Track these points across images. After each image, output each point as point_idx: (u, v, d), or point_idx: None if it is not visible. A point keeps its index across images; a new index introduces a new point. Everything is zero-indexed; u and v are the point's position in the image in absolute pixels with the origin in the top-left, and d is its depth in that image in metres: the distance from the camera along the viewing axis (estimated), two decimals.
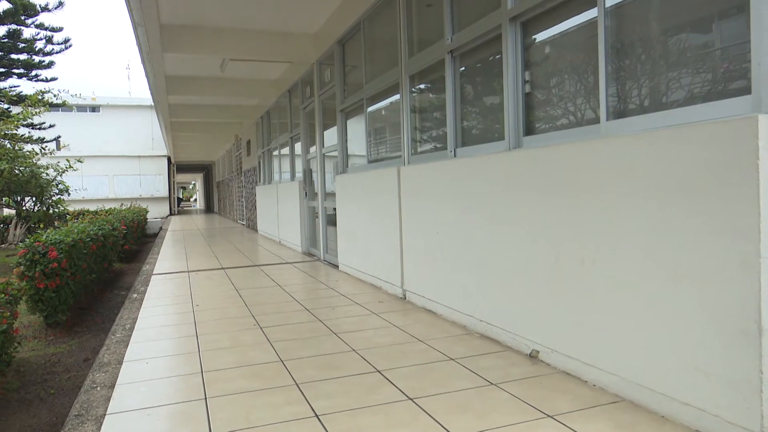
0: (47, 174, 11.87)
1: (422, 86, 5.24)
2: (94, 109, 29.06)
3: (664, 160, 2.44)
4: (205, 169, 41.12)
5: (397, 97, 5.52)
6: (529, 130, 3.58)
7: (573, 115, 3.30)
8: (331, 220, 7.93)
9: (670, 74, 2.66)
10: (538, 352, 3.32)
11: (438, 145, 4.85)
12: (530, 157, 3.33)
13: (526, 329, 3.42)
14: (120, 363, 3.59)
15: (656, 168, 2.48)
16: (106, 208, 12.79)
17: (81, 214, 12.50)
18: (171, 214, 30.70)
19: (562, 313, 3.09)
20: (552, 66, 3.44)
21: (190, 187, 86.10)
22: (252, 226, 15.74)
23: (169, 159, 29.93)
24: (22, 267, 4.57)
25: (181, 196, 66.45)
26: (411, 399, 2.80)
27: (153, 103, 12.89)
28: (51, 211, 11.91)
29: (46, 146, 12.59)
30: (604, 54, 2.92)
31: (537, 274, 3.28)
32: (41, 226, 8.61)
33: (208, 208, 39.53)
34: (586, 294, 2.91)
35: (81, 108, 27.54)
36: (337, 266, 7.31)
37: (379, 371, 3.22)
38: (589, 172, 2.85)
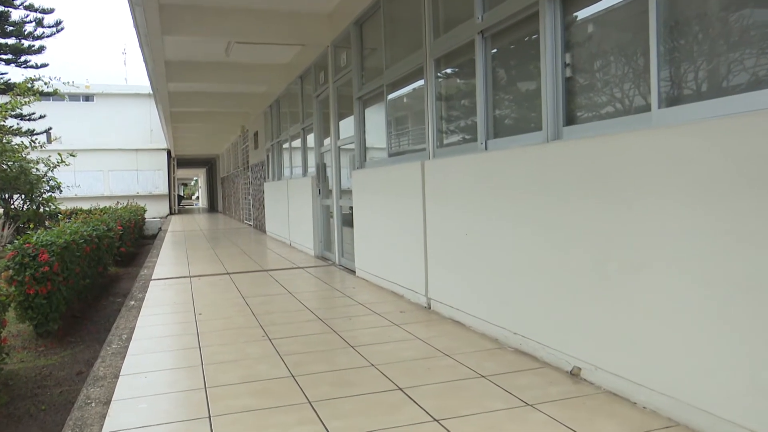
0: (37, 169, 12.09)
1: (449, 71, 5.22)
2: (87, 98, 29.55)
3: (725, 153, 2.40)
4: (209, 164, 41.53)
5: (421, 83, 5.51)
6: (570, 120, 3.55)
7: (620, 103, 3.26)
8: (348, 221, 7.95)
9: (731, 55, 2.61)
10: (580, 369, 3.29)
11: (467, 137, 4.84)
12: (571, 150, 3.30)
13: (567, 343, 3.39)
14: (116, 377, 3.65)
15: (716, 162, 2.44)
16: (101, 207, 13.00)
17: (74, 213, 12.72)
18: (171, 213, 31.07)
19: (608, 325, 3.06)
20: (596, 47, 3.40)
21: (192, 183, 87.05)
22: (260, 226, 15.86)
23: (168, 153, 30.30)
24: (10, 271, 4.66)
25: (182, 194, 67.23)
26: (437, 420, 2.80)
27: (151, 92, 13.05)
28: (41, 210, 12.13)
29: (36, 139, 12.80)
30: (655, 32, 2.88)
31: (579, 282, 3.26)
32: (31, 226, 8.79)
33: (212, 207, 39.92)
34: (634, 304, 2.88)
35: (73, 97, 28.02)
36: (354, 272, 7.33)
37: (401, 389, 3.23)
38: (639, 167, 2.82)
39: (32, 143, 12.45)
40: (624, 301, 2.95)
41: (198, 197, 72.62)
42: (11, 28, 21.75)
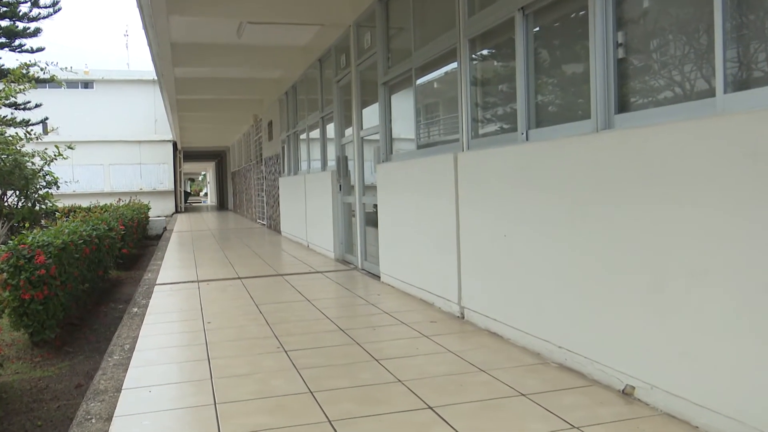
0: (33, 163, 12.31)
1: (486, 52, 5.19)
2: (86, 84, 30.04)
3: None
4: (218, 157, 41.94)
5: (454, 65, 5.50)
6: (623, 107, 3.52)
7: (679, 87, 3.22)
8: (372, 220, 7.97)
9: None
10: (634, 388, 3.25)
11: (505, 126, 4.81)
12: (624, 141, 3.26)
13: (619, 359, 3.35)
14: (118, 391, 3.71)
15: None
16: (101, 205, 13.21)
17: (72, 211, 12.94)
18: (177, 211, 31.46)
19: (666, 339, 3.02)
20: (653, 24, 3.36)
21: (200, 178, 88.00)
22: (274, 226, 15.97)
23: (174, 145, 30.67)
24: (4, 274, 4.76)
25: (188, 190, 67.96)
26: None
27: (156, 77, 13.22)
28: (37, 208, 12.35)
29: (32, 130, 13.05)
30: (721, 6, 2.83)
31: (633, 290, 3.22)
32: (26, 225, 8.96)
33: (221, 204, 40.31)
34: (697, 316, 2.84)
35: (71, 84, 28.48)
36: (379, 276, 7.34)
37: (431, 408, 3.22)
38: (702, 160, 2.77)
39: (27, 135, 12.67)
40: (685, 311, 2.91)
41: (206, 194, 73.39)
42: (4, 8, 22.19)
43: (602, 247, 3.44)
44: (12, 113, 22.31)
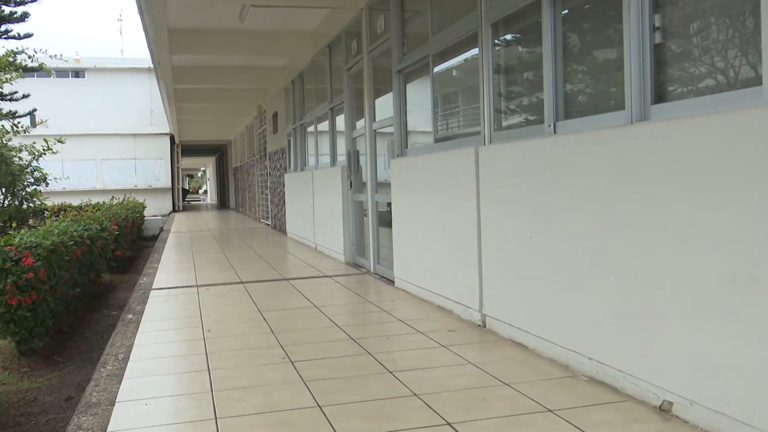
0: (20, 158, 12.41)
1: (510, 37, 5.18)
2: (77, 73, 30.23)
3: None
4: (219, 152, 42.09)
5: (474, 52, 5.49)
6: (660, 96, 3.50)
7: (722, 75, 3.20)
8: (385, 220, 7.97)
9: None
10: (672, 404, 3.24)
11: (531, 117, 4.80)
12: (662, 134, 3.24)
13: (655, 372, 3.34)
14: (111, 404, 3.73)
15: None
16: (93, 203, 13.29)
17: (62, 210, 13.03)
18: (174, 210, 31.62)
19: (708, 350, 3.00)
20: (693, 5, 3.34)
21: (199, 175, 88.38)
22: (279, 226, 16.02)
23: (172, 138, 30.82)
24: None
25: (187, 187, 68.31)
26: None
27: (152, 66, 13.28)
28: (25, 206, 12.44)
29: (19, 122, 13.16)
30: None
31: (669, 296, 3.20)
32: (13, 225, 9.03)
33: (222, 203, 40.46)
34: (742, 326, 2.82)
35: (61, 72, 28.66)
36: (393, 281, 7.35)
37: (449, 424, 3.22)
38: (746, 156, 2.75)
39: (14, 127, 12.77)
40: (729, 320, 2.89)
41: (206, 191, 73.69)
42: None
43: (637, 250, 3.42)
44: None
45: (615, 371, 3.64)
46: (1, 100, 23.07)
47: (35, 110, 24.30)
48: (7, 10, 22.97)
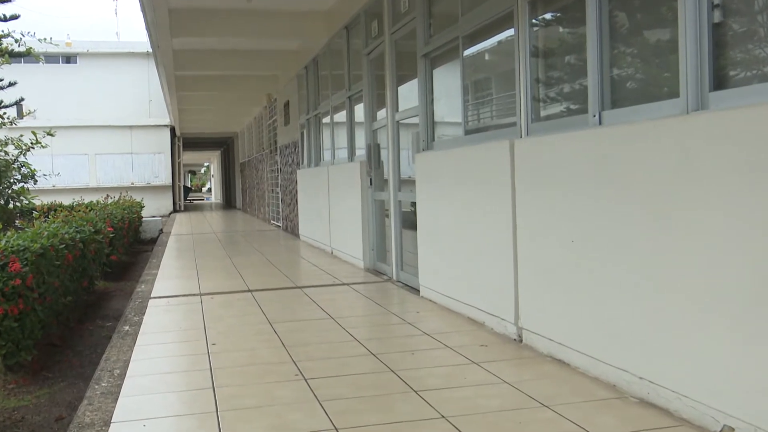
0: (6, 152, 12.56)
1: (549, 16, 5.15)
2: (68, 59, 30.51)
3: None
4: (224, 146, 42.31)
5: (510, 33, 5.48)
6: (720, 82, 3.47)
7: None
8: (409, 221, 7.97)
9: None
10: (733, 429, 3.21)
11: (573, 106, 4.78)
12: (722, 124, 3.22)
13: (715, 394, 3.31)
14: (107, 424, 3.76)
15: None
16: (86, 202, 13.42)
17: (52, 209, 13.16)
18: (175, 210, 31.82)
19: None
20: None
21: (203, 171, 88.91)
22: (291, 228, 16.08)
23: (172, 131, 31.02)
24: None
25: (189, 184, 68.73)
26: None
27: (151, 50, 13.38)
28: (11, 206, 12.58)
29: (5, 113, 13.32)
30: None
31: (734, 310, 3.18)
32: None
33: (228, 202, 40.66)
34: None
35: (51, 58, 28.93)
36: (417, 290, 7.34)
37: None
38: None
39: (0, 119, 12.93)
40: None
41: (210, 189, 74.12)
42: None
43: (695, 256, 3.40)
44: None
45: (668, 392, 3.62)
46: None
47: (22, 100, 24.54)
48: None
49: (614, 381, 4.06)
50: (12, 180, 12.57)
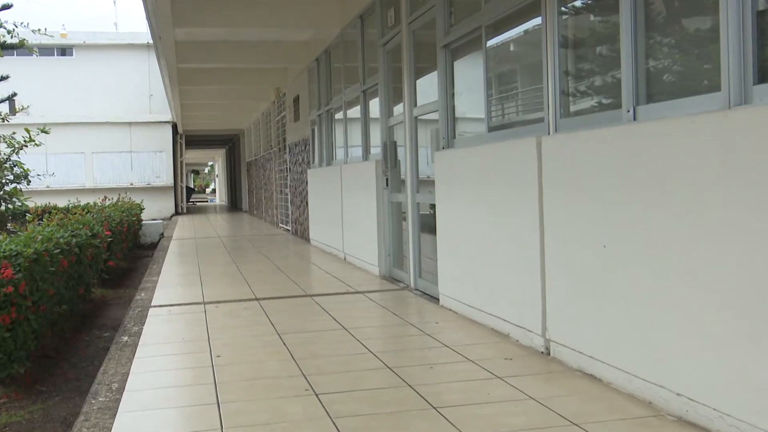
0: None
1: (579, 3, 5.15)
2: (64, 51, 30.71)
3: None
4: (229, 143, 42.45)
5: (537, 21, 5.47)
6: (765, 75, 3.45)
7: None
8: (428, 225, 7.97)
9: None
10: None
11: (605, 101, 4.76)
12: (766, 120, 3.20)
13: (760, 413, 3.29)
14: None
15: None
16: (82, 204, 13.49)
17: (46, 212, 13.23)
18: (177, 212, 31.96)
19: None
20: None
21: (206, 171, 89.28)
22: (301, 232, 16.10)
23: (174, 127, 31.15)
24: None
25: (192, 185, 69.02)
26: None
27: (152, 41, 13.44)
28: (3, 208, 12.66)
29: None
30: None
31: None
32: None
33: (233, 204, 40.78)
34: None
35: (45, 50, 29.14)
36: (437, 299, 7.34)
37: None
38: None
39: None
40: None
41: (214, 190, 74.40)
42: None
43: (740, 263, 3.38)
44: None
45: (709, 410, 3.59)
46: None
47: (15, 94, 24.69)
48: None
49: (650, 397, 4.05)
50: (4, 180, 12.63)
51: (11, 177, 12.74)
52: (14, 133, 12.84)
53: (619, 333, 4.31)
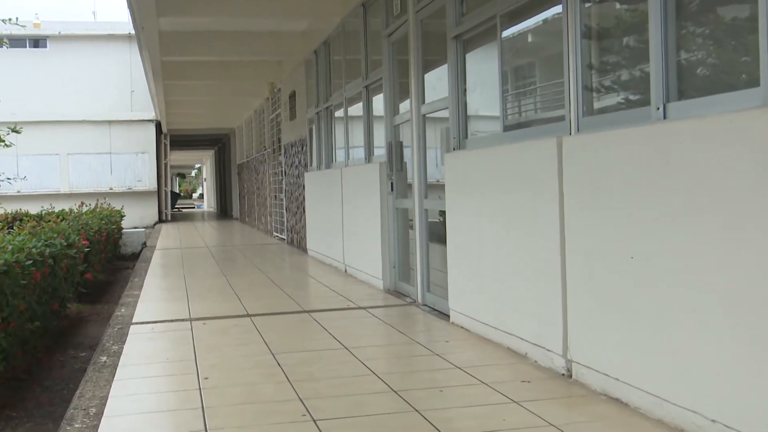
0: None
1: None
2: (36, 42, 30.77)
3: None
4: (219, 144, 42.51)
5: (557, 10, 5.48)
6: None
7: None
8: (437, 234, 7.97)
9: None
10: None
11: (632, 97, 4.77)
12: None
13: None
14: None
15: None
16: (57, 210, 13.53)
17: (17, 219, 13.27)
18: (161, 219, 31.97)
19: None
20: None
21: (193, 174, 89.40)
22: (297, 241, 16.11)
23: (158, 126, 31.19)
24: None
25: (177, 190, 69.11)
26: None
27: (134, 32, 13.47)
28: None
29: None
30: None
31: None
32: None
33: (223, 210, 40.81)
34: None
35: (17, 41, 29.19)
36: (447, 315, 7.34)
37: None
38: None
39: None
40: None
41: (202, 195, 74.50)
42: None
43: None
44: None
45: None
46: None
47: None
48: None
49: (681, 424, 4.04)
50: None
51: None
52: None
53: (648, 353, 4.31)
